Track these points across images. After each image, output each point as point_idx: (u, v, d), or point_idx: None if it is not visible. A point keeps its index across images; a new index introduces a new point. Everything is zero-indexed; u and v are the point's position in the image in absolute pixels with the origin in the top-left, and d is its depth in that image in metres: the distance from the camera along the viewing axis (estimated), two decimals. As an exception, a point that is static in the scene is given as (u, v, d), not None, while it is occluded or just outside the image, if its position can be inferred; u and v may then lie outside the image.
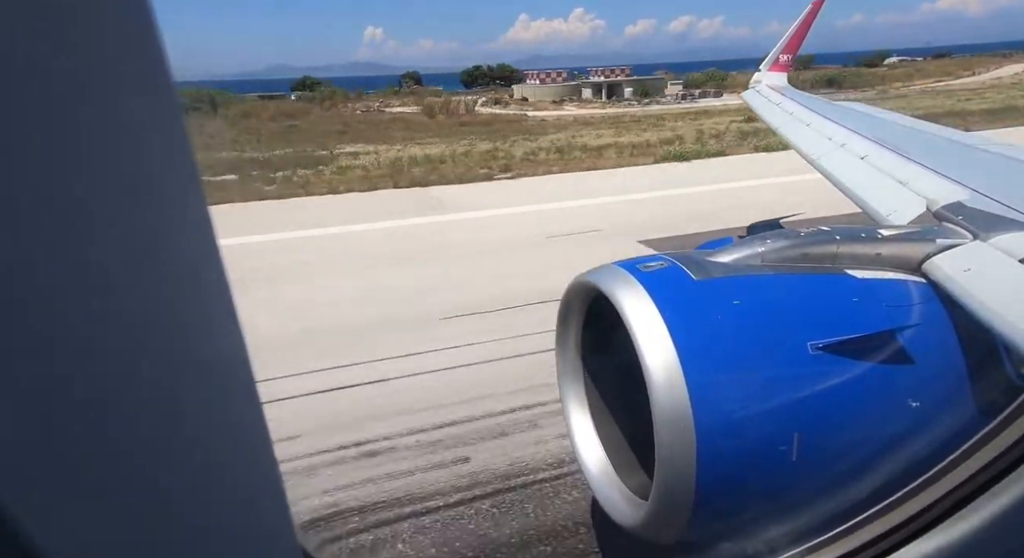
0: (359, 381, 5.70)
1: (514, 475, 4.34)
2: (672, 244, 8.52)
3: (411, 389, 5.54)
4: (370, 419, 5.05)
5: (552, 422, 4.65)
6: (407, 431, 4.86)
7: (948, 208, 2.39)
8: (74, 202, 0.31)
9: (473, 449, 4.65)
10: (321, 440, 4.76)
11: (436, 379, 5.68)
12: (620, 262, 2.07)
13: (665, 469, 1.72)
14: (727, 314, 1.84)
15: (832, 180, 3.88)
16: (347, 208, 13.86)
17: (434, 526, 3.91)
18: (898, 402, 1.78)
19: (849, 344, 1.76)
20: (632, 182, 15.28)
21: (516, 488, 4.22)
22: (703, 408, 1.66)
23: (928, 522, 0.77)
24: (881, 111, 5.41)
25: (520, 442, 4.70)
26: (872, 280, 2.00)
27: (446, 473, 4.38)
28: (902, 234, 2.17)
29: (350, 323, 7.12)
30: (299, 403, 5.28)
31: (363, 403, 5.35)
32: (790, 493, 1.74)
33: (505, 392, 5.34)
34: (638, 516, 1.95)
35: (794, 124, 5.89)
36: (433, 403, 5.21)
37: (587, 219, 11.49)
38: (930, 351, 1.83)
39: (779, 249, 2.03)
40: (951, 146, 3.77)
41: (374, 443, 4.75)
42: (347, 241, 11.15)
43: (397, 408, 5.19)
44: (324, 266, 9.58)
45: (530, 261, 9.03)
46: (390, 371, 5.84)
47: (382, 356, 6.14)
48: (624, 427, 2.30)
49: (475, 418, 5.03)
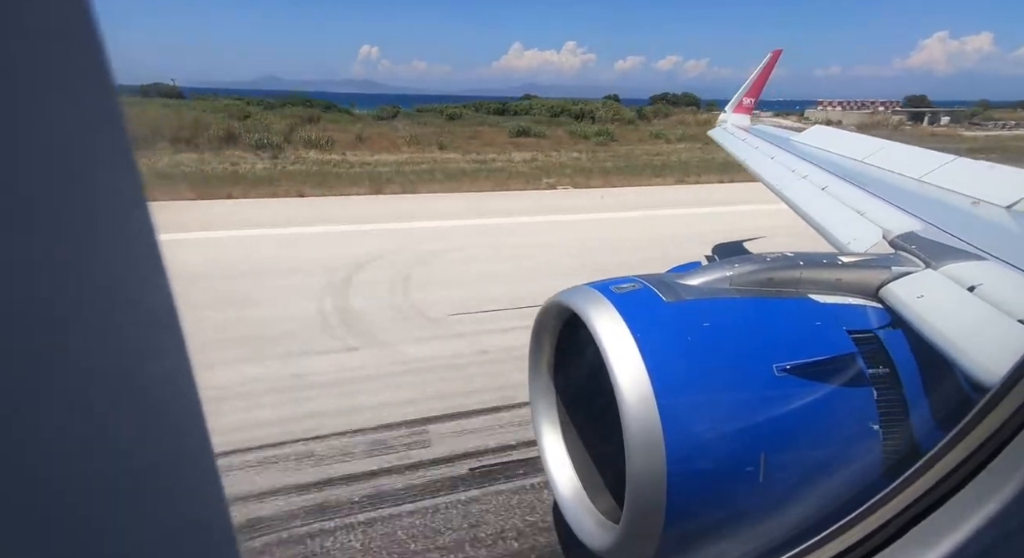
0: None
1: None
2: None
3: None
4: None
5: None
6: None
7: (902, 238, 2.51)
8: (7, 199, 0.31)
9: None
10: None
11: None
12: (593, 283, 2.09)
13: (636, 491, 1.72)
14: (697, 336, 1.87)
15: (795, 208, 4.05)
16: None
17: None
18: (858, 421, 1.83)
19: (812, 366, 1.81)
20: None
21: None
22: (673, 430, 1.67)
23: (888, 536, 0.78)
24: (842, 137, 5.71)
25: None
26: (833, 305, 2.07)
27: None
28: (860, 261, 2.27)
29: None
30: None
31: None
32: (757, 513, 1.76)
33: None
34: (609, 539, 1.93)
35: (759, 157, 6.17)
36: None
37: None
38: (887, 372, 1.89)
39: (746, 274, 2.09)
40: (903, 180, 3.99)
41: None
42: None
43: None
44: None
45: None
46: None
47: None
48: (595, 448, 2.30)
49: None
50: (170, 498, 0.42)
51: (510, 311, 7.44)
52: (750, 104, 9.32)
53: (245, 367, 6.13)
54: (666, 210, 14.81)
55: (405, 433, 5.07)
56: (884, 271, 2.17)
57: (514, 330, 6.74)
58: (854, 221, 3.19)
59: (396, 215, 13.59)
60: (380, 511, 4.15)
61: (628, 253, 10.04)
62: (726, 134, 8.26)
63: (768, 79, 9.30)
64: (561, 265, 9.58)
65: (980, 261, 2.09)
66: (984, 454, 0.73)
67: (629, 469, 1.70)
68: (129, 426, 0.39)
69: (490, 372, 6.03)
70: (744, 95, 9.28)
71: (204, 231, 11.28)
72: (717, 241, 9.75)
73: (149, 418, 0.40)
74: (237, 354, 6.36)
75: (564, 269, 9.19)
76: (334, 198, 15.98)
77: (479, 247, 10.86)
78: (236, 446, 4.75)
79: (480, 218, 13.68)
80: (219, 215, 13.20)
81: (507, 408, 5.36)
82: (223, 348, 6.45)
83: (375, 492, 4.34)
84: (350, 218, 13.32)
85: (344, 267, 9.45)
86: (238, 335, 6.88)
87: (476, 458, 4.72)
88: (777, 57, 9.34)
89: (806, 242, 2.93)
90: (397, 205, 15.05)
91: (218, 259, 9.68)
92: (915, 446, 1.81)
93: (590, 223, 13.38)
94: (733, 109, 9.27)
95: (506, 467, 4.61)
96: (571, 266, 9.41)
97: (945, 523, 0.74)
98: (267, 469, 4.56)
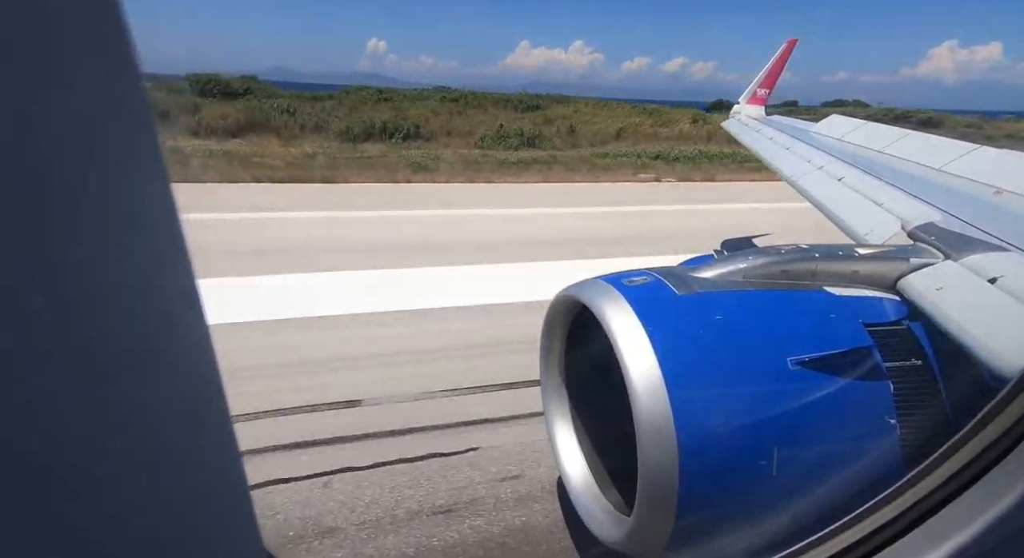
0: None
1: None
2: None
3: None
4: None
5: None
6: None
7: (921, 228, 2.46)
8: (41, 196, 0.31)
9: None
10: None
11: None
12: (604, 276, 2.08)
13: (648, 484, 1.72)
14: (709, 329, 1.85)
15: (811, 200, 3.98)
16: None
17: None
18: (874, 416, 1.80)
19: (827, 359, 1.79)
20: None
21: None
22: (685, 423, 1.66)
23: (896, 532, 0.78)
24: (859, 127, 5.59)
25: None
26: (849, 297, 2.04)
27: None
28: (877, 253, 2.23)
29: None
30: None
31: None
32: (769, 507, 1.75)
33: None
34: (620, 532, 1.94)
35: (774, 148, 6.06)
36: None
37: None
38: (905, 366, 1.86)
39: (760, 266, 2.07)
40: (922, 170, 3.90)
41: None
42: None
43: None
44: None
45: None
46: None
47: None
48: (607, 442, 2.30)
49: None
50: (190, 491, 0.42)
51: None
52: (764, 95, 9.09)
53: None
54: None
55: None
56: (902, 263, 2.13)
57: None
58: (872, 212, 3.13)
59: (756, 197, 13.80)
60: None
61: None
62: (740, 125, 8.09)
63: (783, 69, 9.11)
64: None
65: (1002, 252, 2.04)
66: (999, 449, 0.72)
67: (641, 462, 1.70)
68: (149, 417, 0.39)
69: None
70: (759, 85, 9.09)
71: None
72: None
73: (169, 412, 0.40)
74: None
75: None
76: (657, 185, 16.43)
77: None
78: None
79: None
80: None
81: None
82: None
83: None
84: (726, 198, 13.85)
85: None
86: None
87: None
88: (792, 47, 9.13)
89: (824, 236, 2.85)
90: (728, 189, 15.64)
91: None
92: (933, 440, 1.78)
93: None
94: (747, 100, 9.07)
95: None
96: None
97: (951, 522, 0.73)
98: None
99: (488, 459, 3.85)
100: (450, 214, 11.33)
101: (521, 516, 3.37)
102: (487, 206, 12.27)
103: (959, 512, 0.73)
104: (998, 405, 0.74)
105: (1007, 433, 0.72)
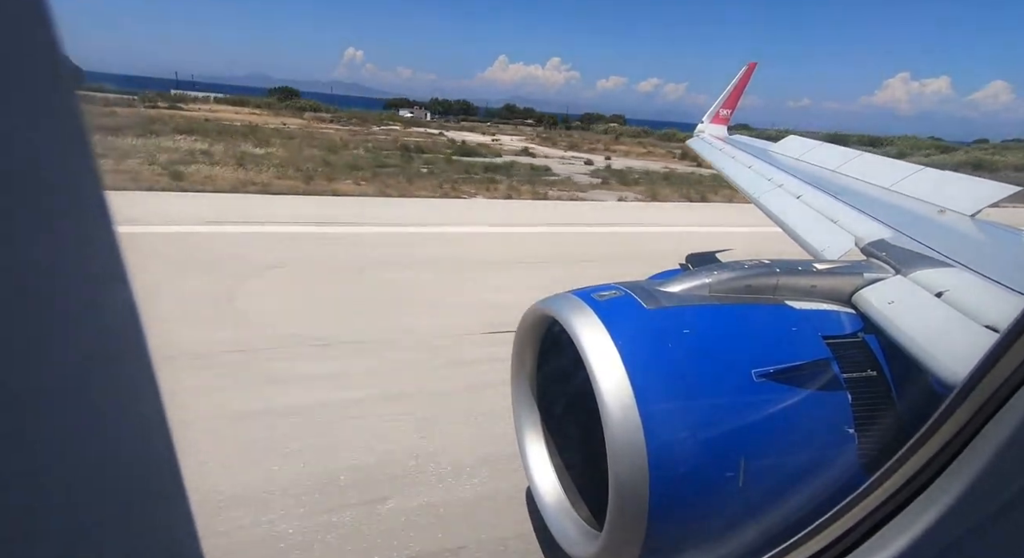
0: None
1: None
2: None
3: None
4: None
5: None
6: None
7: (873, 245, 2.59)
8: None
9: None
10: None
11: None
12: (575, 291, 2.10)
13: (619, 498, 1.72)
14: (678, 343, 1.89)
15: (771, 216, 4.14)
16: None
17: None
18: (834, 424, 1.86)
19: (789, 371, 1.85)
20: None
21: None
22: (655, 436, 1.68)
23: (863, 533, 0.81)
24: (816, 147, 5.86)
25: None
26: (809, 310, 2.12)
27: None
28: (834, 268, 2.33)
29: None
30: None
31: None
32: (737, 518, 1.77)
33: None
34: (592, 547, 1.93)
35: (736, 166, 6.30)
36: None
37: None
38: (861, 376, 1.94)
39: (725, 281, 2.13)
40: (874, 189, 4.11)
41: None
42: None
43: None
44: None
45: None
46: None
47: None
48: (578, 456, 2.30)
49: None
50: (135, 504, 0.41)
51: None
52: (727, 115, 9.52)
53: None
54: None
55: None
56: (856, 277, 2.23)
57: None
58: (828, 229, 3.28)
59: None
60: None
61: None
62: (704, 143, 8.42)
63: (743, 92, 9.53)
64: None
65: (947, 268, 2.17)
66: (949, 453, 0.76)
67: (612, 476, 1.71)
68: (91, 432, 0.37)
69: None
70: (721, 106, 9.48)
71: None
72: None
73: (111, 424, 0.38)
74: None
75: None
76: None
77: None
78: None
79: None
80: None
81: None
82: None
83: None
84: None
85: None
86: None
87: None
88: (752, 70, 9.58)
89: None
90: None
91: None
92: (888, 447, 1.85)
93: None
94: (710, 119, 9.46)
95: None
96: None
97: (915, 518, 0.76)
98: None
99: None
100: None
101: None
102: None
103: (915, 515, 0.76)
104: (945, 412, 0.78)
105: (956, 436, 0.76)
